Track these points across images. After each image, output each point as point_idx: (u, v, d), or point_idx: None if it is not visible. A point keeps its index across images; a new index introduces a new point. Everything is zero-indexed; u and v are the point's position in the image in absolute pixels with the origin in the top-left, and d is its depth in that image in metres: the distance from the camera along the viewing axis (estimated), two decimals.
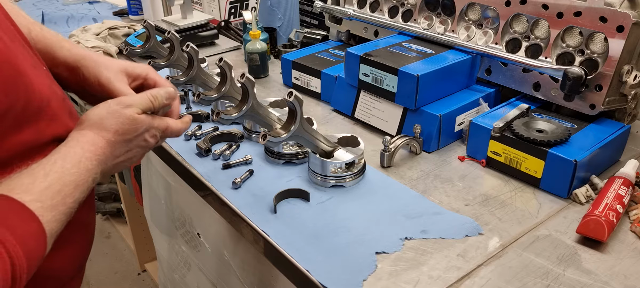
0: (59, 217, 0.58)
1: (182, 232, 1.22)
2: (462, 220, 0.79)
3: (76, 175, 0.60)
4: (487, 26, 1.05)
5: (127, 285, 2.24)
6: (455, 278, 0.68)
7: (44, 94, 0.64)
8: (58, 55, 0.77)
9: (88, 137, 0.64)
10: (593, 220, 0.73)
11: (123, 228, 2.45)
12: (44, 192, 0.56)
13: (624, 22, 0.82)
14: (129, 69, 0.80)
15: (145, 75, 0.81)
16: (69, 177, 0.59)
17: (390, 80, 1.00)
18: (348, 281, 0.67)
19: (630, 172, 0.82)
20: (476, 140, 0.94)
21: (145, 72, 0.81)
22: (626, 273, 0.68)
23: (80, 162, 0.61)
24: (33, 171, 0.58)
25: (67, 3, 2.16)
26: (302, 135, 0.81)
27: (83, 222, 0.74)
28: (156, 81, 0.82)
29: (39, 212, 0.55)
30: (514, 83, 1.01)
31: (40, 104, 0.63)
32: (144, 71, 0.81)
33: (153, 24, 1.07)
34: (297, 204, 0.84)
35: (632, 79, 0.88)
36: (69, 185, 0.59)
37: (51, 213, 0.56)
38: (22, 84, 0.60)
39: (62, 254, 0.69)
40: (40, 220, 0.55)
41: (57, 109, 0.66)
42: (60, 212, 0.58)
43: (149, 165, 1.30)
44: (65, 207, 0.59)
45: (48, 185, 0.57)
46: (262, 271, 0.93)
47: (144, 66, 0.82)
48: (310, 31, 1.45)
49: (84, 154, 0.62)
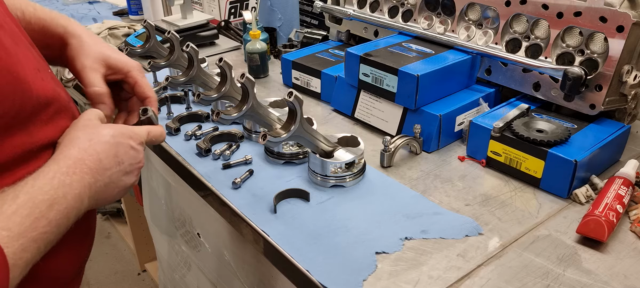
0: (28, 245, 0.51)
1: (182, 232, 1.22)
2: (462, 220, 0.79)
3: (50, 193, 0.54)
4: (487, 26, 1.05)
5: (127, 285, 2.24)
6: (455, 278, 0.68)
7: (42, 98, 0.62)
8: (53, 32, 0.75)
9: (63, 153, 0.60)
10: (593, 220, 0.73)
11: (123, 228, 2.45)
12: (11, 217, 0.51)
13: (624, 22, 0.82)
14: (111, 61, 0.76)
15: (126, 72, 0.78)
16: (41, 195, 0.54)
17: (390, 80, 1.00)
18: (348, 281, 0.67)
19: (630, 172, 0.82)
20: (476, 140, 0.94)
21: (127, 68, 0.78)
22: (626, 273, 0.68)
23: (54, 178, 0.56)
24: (3, 193, 0.53)
25: (67, 3, 2.16)
26: (302, 135, 0.81)
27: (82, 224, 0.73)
28: (137, 81, 0.78)
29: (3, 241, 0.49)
30: (514, 83, 1.01)
31: (35, 108, 0.60)
32: (126, 67, 0.77)
33: (153, 24, 1.07)
34: (297, 204, 0.84)
35: (632, 79, 0.88)
36: (41, 205, 0.53)
37: (18, 242, 0.50)
38: (19, 91, 0.58)
39: (61, 257, 0.68)
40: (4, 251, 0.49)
41: (57, 112, 0.64)
42: (30, 238, 0.52)
43: (149, 165, 1.30)
44: (36, 232, 0.52)
45: (16, 210, 0.51)
46: (262, 271, 0.93)
47: (128, 62, 0.78)
48: (310, 31, 1.45)
49: (59, 169, 0.57)
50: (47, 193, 0.54)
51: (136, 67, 0.79)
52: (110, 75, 0.77)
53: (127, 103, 0.84)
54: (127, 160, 0.65)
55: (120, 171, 0.65)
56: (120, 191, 0.66)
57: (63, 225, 0.56)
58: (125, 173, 0.66)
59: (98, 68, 0.74)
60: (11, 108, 0.57)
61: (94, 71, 0.74)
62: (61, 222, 0.56)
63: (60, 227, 0.56)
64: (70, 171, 0.58)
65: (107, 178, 0.63)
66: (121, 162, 0.65)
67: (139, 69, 0.79)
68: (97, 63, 0.74)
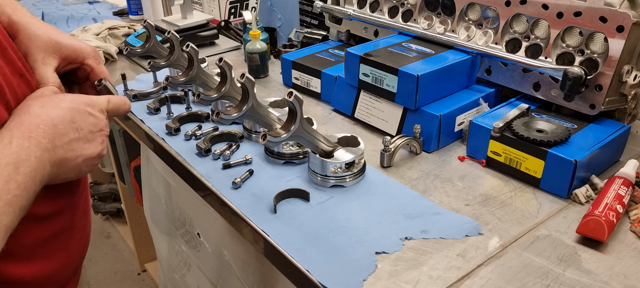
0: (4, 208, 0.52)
1: (182, 232, 1.22)
2: (462, 220, 0.79)
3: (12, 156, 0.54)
4: (487, 26, 1.05)
5: (127, 285, 2.24)
6: (455, 278, 0.68)
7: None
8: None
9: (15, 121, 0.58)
10: (593, 220, 0.73)
11: (123, 228, 2.45)
12: None
13: (624, 22, 0.82)
14: (64, 51, 0.72)
15: (82, 60, 0.74)
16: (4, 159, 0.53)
17: (390, 80, 1.00)
18: (348, 281, 0.67)
19: (630, 172, 0.82)
20: (476, 140, 0.94)
21: (82, 57, 0.74)
22: (626, 273, 0.68)
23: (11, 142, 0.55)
24: None
25: (67, 3, 2.16)
26: (302, 135, 0.81)
27: (76, 227, 0.73)
28: (93, 68, 0.75)
29: None
30: (514, 83, 1.01)
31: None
32: (80, 55, 0.74)
33: (153, 24, 1.07)
34: (297, 204, 0.84)
35: (632, 79, 0.88)
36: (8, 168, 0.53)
37: None
38: None
39: (55, 261, 0.68)
40: None
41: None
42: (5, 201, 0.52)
43: (149, 165, 1.30)
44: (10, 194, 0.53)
45: None
46: (262, 271, 0.93)
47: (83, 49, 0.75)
48: (310, 31, 1.45)
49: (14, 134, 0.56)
50: (9, 156, 0.54)
51: (91, 54, 0.75)
52: (64, 66, 0.73)
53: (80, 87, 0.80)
54: (85, 127, 0.63)
55: (80, 138, 0.62)
56: (85, 160, 0.64)
57: (31, 189, 0.56)
58: (86, 140, 0.63)
59: (50, 61, 0.70)
60: None
61: (45, 65, 0.69)
62: (29, 186, 0.55)
63: (29, 190, 0.55)
64: (25, 135, 0.56)
65: (66, 145, 0.61)
66: (79, 129, 0.62)
67: (94, 56, 0.76)
68: (49, 55, 0.70)
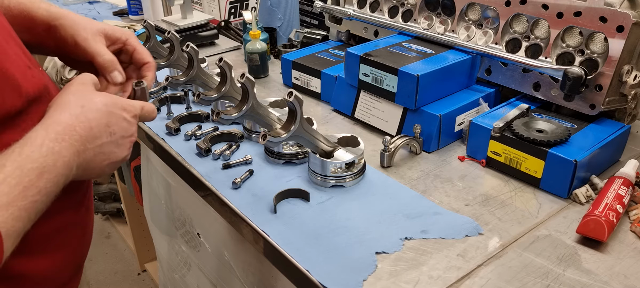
0: (18, 213, 0.51)
1: (182, 232, 1.22)
2: (462, 220, 0.79)
3: (39, 160, 0.53)
4: (487, 26, 1.05)
5: (127, 285, 2.24)
6: (455, 278, 0.68)
7: (31, 95, 0.61)
8: (35, 16, 0.73)
9: (53, 118, 0.58)
10: (593, 220, 0.73)
11: (123, 228, 2.45)
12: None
13: (624, 22, 0.82)
14: (108, 32, 0.76)
15: (125, 40, 0.78)
16: (30, 163, 0.52)
17: (390, 80, 1.00)
18: (348, 281, 0.67)
19: (630, 172, 0.82)
20: (476, 140, 0.94)
21: (125, 37, 0.78)
22: (626, 273, 0.68)
23: (42, 145, 0.54)
24: None
25: (67, 3, 2.16)
26: (302, 135, 0.81)
27: (79, 224, 0.73)
28: (135, 48, 0.78)
29: None
30: (514, 83, 1.01)
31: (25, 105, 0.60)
32: (123, 35, 0.78)
33: (153, 24, 1.07)
34: (297, 204, 0.84)
35: (632, 79, 0.88)
36: (30, 174, 0.52)
37: (8, 211, 0.50)
38: (8, 89, 0.57)
39: (58, 257, 0.68)
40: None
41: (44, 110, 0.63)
42: (20, 207, 0.51)
43: (149, 165, 1.30)
44: (26, 201, 0.51)
45: (3, 179, 0.50)
46: (262, 271, 0.93)
47: (124, 31, 0.79)
48: (310, 31, 1.45)
49: (48, 135, 0.55)
50: (35, 161, 0.53)
51: (132, 35, 0.79)
52: (110, 46, 0.76)
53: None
54: (119, 132, 0.64)
55: (111, 142, 0.63)
56: (110, 164, 0.64)
57: (52, 193, 0.55)
58: (116, 145, 0.64)
59: (100, 39, 0.74)
60: (1, 106, 0.56)
61: (97, 42, 0.73)
62: (51, 190, 0.55)
63: (49, 195, 0.55)
64: (59, 138, 0.56)
65: (98, 148, 0.61)
66: (113, 133, 0.63)
67: (134, 37, 0.79)
68: (98, 35, 0.74)
